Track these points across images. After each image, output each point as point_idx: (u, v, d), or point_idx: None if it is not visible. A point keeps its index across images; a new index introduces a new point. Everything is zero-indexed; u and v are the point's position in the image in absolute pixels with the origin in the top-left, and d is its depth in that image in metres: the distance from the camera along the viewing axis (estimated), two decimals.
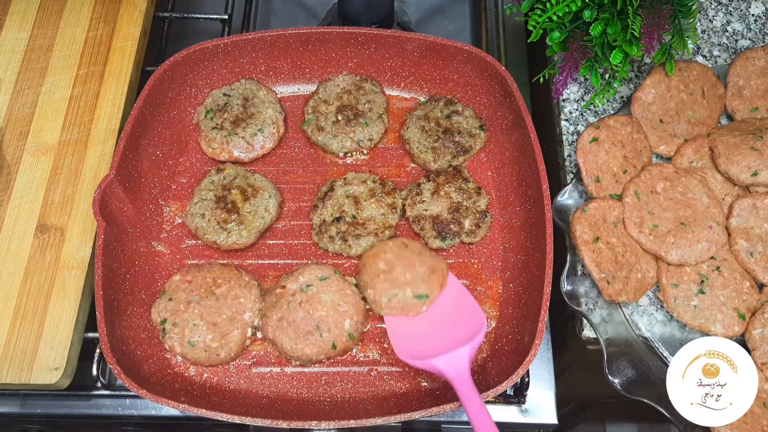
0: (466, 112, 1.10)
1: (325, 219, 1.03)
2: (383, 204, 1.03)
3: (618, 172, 0.98)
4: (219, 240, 1.00)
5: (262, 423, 0.85)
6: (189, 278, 0.96)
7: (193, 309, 0.94)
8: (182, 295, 0.95)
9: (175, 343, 0.93)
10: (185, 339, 0.92)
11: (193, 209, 1.02)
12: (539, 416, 0.98)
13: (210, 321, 0.93)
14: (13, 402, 0.97)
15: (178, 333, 0.93)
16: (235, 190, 1.02)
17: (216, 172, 1.05)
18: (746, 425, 0.86)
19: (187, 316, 0.93)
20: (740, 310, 0.92)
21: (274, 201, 1.03)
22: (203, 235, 1.00)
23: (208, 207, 1.01)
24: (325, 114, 1.10)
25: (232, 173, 1.05)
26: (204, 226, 1.00)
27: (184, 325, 0.93)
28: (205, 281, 0.96)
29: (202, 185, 1.04)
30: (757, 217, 0.96)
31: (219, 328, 0.93)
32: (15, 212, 1.01)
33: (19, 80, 1.11)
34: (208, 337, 0.92)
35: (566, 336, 1.08)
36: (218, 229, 1.00)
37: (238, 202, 1.01)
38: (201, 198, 1.03)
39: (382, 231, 1.02)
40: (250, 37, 1.08)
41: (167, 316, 0.93)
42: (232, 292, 0.95)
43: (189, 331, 0.92)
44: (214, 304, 0.94)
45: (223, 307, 0.94)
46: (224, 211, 1.01)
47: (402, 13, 1.35)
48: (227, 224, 1.00)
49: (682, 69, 1.05)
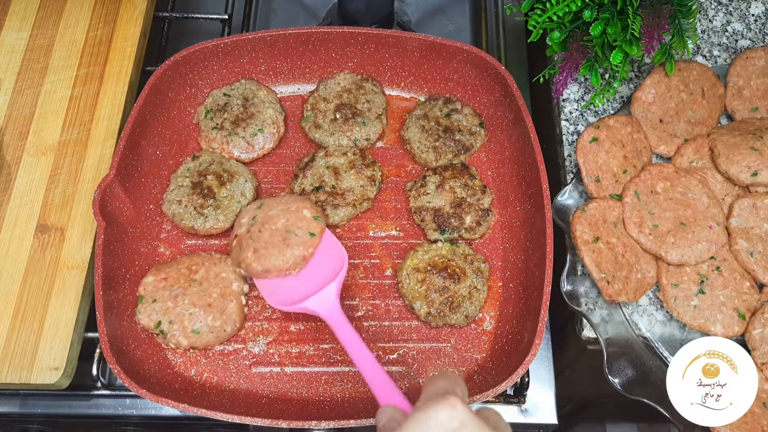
0: (466, 110, 1.10)
1: (305, 188, 1.04)
2: (362, 176, 1.05)
3: (618, 172, 0.98)
4: (196, 225, 1.00)
5: (262, 423, 0.85)
6: (163, 275, 0.96)
7: (182, 301, 0.94)
8: (165, 293, 0.95)
9: (180, 339, 0.93)
10: (188, 330, 0.93)
11: (169, 196, 1.03)
12: (539, 416, 0.98)
13: (204, 304, 0.94)
14: (13, 402, 0.97)
15: (178, 328, 0.93)
16: (211, 176, 1.03)
17: (192, 159, 1.06)
18: (746, 425, 0.86)
19: (180, 310, 0.93)
20: (740, 310, 0.92)
21: (250, 185, 1.04)
22: (180, 221, 1.01)
23: (185, 193, 1.02)
24: (323, 112, 1.10)
25: (208, 159, 1.05)
26: (181, 212, 1.01)
27: (182, 318, 0.93)
28: (180, 273, 0.97)
29: (179, 172, 1.05)
30: (757, 217, 0.96)
31: (215, 306, 0.94)
32: (15, 212, 1.01)
33: (19, 80, 1.11)
34: (209, 318, 0.93)
35: (566, 336, 1.08)
36: (195, 215, 1.01)
37: (214, 188, 1.02)
38: (177, 185, 1.03)
39: (360, 203, 1.04)
40: (250, 37, 1.08)
41: (160, 318, 0.93)
42: (211, 272, 0.96)
43: (189, 322, 0.93)
44: (199, 289, 0.95)
45: (210, 288, 0.95)
46: (201, 197, 1.01)
47: (402, 13, 1.35)
48: (204, 209, 1.01)
49: (682, 69, 1.05)
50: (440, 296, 0.96)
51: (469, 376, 0.95)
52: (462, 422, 0.58)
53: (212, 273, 0.97)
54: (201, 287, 0.95)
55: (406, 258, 1.00)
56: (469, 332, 0.98)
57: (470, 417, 0.59)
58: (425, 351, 0.97)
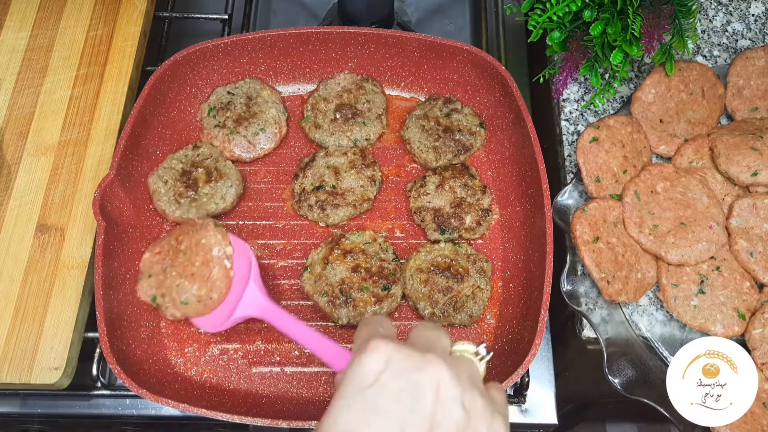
0: (465, 110, 1.10)
1: (305, 187, 1.05)
2: (363, 176, 1.05)
3: (618, 172, 0.98)
4: (168, 210, 1.01)
5: (262, 423, 0.85)
6: (157, 250, 0.95)
7: (170, 273, 0.92)
8: (157, 267, 0.94)
9: (174, 311, 0.91)
10: (177, 302, 0.90)
11: (159, 172, 1.04)
12: (539, 416, 0.98)
13: (188, 274, 0.91)
14: (13, 402, 0.97)
15: (169, 301, 0.91)
16: (202, 170, 1.03)
17: (193, 147, 1.06)
18: (746, 425, 0.86)
19: (169, 282, 0.91)
20: (740, 310, 0.92)
21: (234, 191, 1.04)
22: (157, 201, 1.02)
23: (172, 176, 1.03)
24: (323, 112, 1.10)
25: (206, 153, 1.06)
26: (162, 192, 1.02)
27: (170, 291, 0.91)
28: (170, 245, 0.95)
29: (176, 155, 1.06)
30: (757, 217, 0.96)
31: (198, 275, 0.91)
32: (15, 212, 1.01)
33: (19, 80, 1.11)
34: (194, 288, 0.90)
35: (566, 336, 1.08)
36: (172, 200, 1.01)
37: (199, 181, 1.03)
38: (170, 166, 1.04)
39: (361, 203, 1.04)
40: (250, 37, 1.08)
41: (154, 292, 0.92)
42: (193, 240, 0.93)
43: (176, 294, 0.90)
44: (184, 259, 0.93)
45: (193, 257, 0.92)
46: (183, 186, 1.02)
47: (402, 13, 1.35)
48: (181, 198, 1.01)
49: (682, 69, 1.05)
50: (444, 296, 0.96)
51: None
52: (387, 360, 0.55)
53: (194, 241, 0.93)
54: (185, 257, 0.93)
55: (409, 259, 1.00)
56: (469, 332, 0.98)
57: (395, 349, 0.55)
58: None
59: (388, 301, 0.97)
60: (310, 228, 1.05)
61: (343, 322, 0.96)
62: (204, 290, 0.90)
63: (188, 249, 0.93)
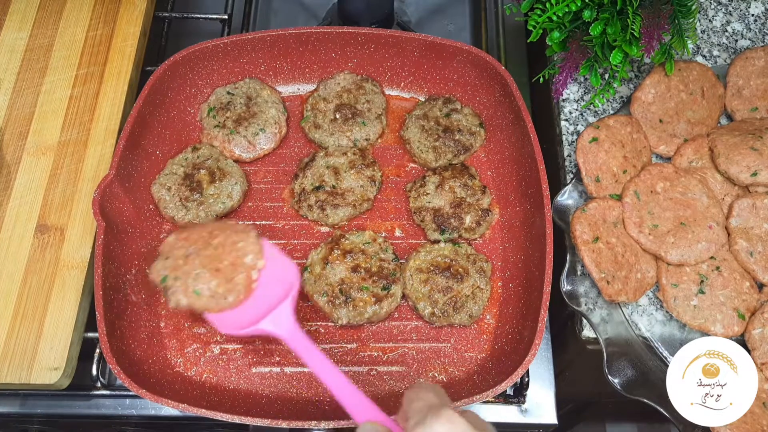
0: (465, 110, 1.10)
1: (305, 187, 1.05)
2: (363, 176, 1.05)
3: (618, 172, 0.98)
4: (177, 216, 1.01)
5: (262, 423, 0.85)
6: (184, 236, 0.92)
7: (193, 260, 0.89)
8: (179, 251, 0.90)
9: (180, 297, 0.87)
10: (189, 289, 0.87)
11: (161, 179, 1.04)
12: (539, 416, 0.98)
13: (212, 268, 0.88)
14: (12, 402, 0.97)
15: (180, 285, 0.87)
16: (204, 171, 1.03)
17: (192, 149, 1.06)
18: (746, 425, 0.86)
19: (188, 269, 0.88)
20: (740, 310, 0.92)
21: (239, 188, 1.04)
22: (163, 208, 1.02)
23: (175, 181, 1.03)
24: (323, 112, 1.10)
25: (206, 153, 1.06)
26: (167, 199, 1.02)
27: (186, 276, 0.88)
28: (201, 236, 0.92)
29: (176, 159, 1.06)
30: (756, 217, 0.96)
31: (223, 273, 0.88)
32: (15, 212, 1.01)
33: (19, 80, 1.11)
34: (213, 283, 0.87)
35: (566, 336, 1.08)
36: (179, 206, 1.01)
37: (203, 183, 1.03)
38: (171, 171, 1.04)
39: (360, 203, 1.04)
40: (250, 37, 1.08)
41: (167, 273, 0.89)
42: (229, 240, 0.91)
43: (192, 281, 0.87)
44: (213, 253, 0.90)
45: (223, 254, 0.90)
46: (188, 189, 1.02)
47: (402, 13, 1.35)
48: (188, 202, 1.01)
49: (681, 69, 1.05)
50: (444, 296, 0.96)
51: (469, 376, 0.95)
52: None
53: (230, 241, 0.91)
54: (215, 252, 0.90)
55: (409, 259, 1.00)
56: (469, 332, 0.98)
57: (467, 426, 0.61)
58: (425, 351, 0.97)
59: (388, 301, 0.97)
60: (310, 228, 1.05)
61: (342, 322, 0.96)
62: (222, 289, 0.87)
63: (221, 246, 0.90)
